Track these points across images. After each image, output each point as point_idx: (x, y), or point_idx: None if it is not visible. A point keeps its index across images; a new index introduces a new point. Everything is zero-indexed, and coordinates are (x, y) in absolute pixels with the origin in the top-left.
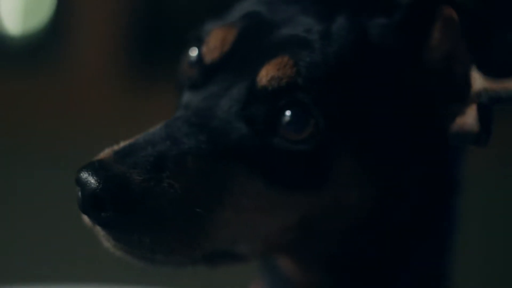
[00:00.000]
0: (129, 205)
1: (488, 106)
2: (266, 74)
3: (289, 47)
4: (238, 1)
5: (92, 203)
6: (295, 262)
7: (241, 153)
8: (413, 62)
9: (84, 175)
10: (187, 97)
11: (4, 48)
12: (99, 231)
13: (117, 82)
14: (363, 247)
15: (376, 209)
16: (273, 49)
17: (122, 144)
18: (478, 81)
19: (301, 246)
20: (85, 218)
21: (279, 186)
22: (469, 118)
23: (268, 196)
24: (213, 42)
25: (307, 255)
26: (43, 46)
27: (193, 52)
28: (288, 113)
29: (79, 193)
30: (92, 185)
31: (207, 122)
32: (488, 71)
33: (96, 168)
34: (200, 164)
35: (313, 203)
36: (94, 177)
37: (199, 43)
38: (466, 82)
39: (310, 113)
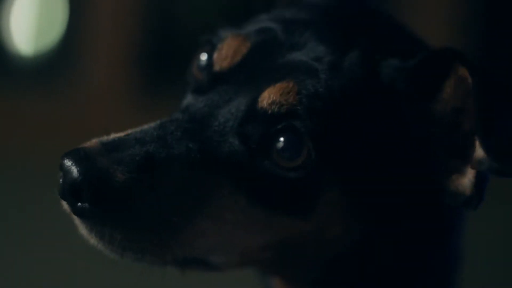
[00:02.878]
0: (106, 201)
1: (487, 174)
2: (268, 97)
3: (296, 72)
4: (253, 16)
5: (71, 191)
6: (282, 281)
7: (229, 168)
8: (421, 110)
9: (68, 162)
10: (188, 100)
11: (16, 68)
12: (74, 218)
13: (127, 100)
14: (347, 275)
15: (360, 243)
16: (280, 71)
17: (112, 136)
18: (480, 150)
19: (280, 266)
20: (63, 204)
21: (263, 207)
22: (466, 179)
23: (250, 214)
24: (225, 50)
25: (289, 275)
26: (54, 65)
27: (203, 57)
28: (282, 139)
29: (60, 179)
30: (74, 175)
31: (201, 131)
32: (490, 149)
33: (81, 157)
34: (186, 172)
35: (295, 229)
36: (77, 167)
37: (210, 48)
38: (471, 141)
39: (304, 143)
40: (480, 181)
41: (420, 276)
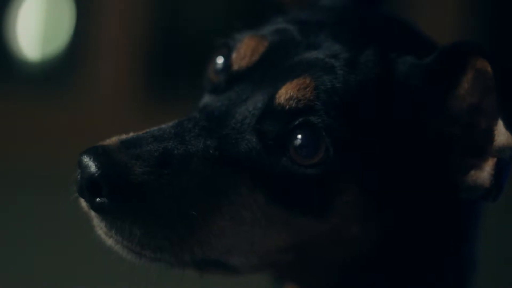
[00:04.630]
0: (124, 195)
1: (508, 163)
2: (285, 93)
3: (313, 69)
4: (261, 19)
5: (89, 187)
6: (298, 286)
7: (247, 165)
8: (437, 107)
9: (86, 158)
10: (206, 100)
11: (23, 73)
12: (92, 217)
13: (134, 105)
14: (364, 280)
15: (377, 245)
16: (297, 68)
17: (130, 134)
18: (502, 136)
19: (298, 271)
20: (81, 201)
21: (281, 205)
22: (484, 172)
23: (268, 213)
24: (244, 49)
25: (306, 281)
26: (61, 71)
27: (220, 60)
28: (299, 136)
29: (78, 176)
30: (92, 170)
31: (218, 128)
32: None
33: (99, 153)
34: (203, 168)
35: (313, 229)
36: (95, 162)
37: (227, 51)
38: (488, 137)
39: (322, 139)
40: (499, 171)
41: (436, 279)
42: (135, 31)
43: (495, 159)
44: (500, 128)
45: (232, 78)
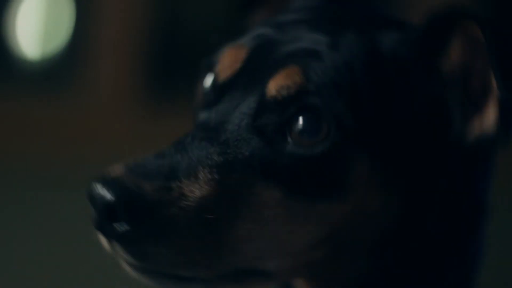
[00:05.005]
0: (142, 214)
1: (509, 103)
2: (275, 84)
3: (297, 58)
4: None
5: (106, 215)
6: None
7: (255, 164)
8: (428, 73)
9: (97, 188)
10: (200, 117)
11: (22, 72)
12: (117, 252)
13: (134, 106)
14: (389, 266)
15: (402, 219)
16: (281, 62)
17: (132, 160)
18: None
19: (330, 268)
20: (102, 240)
21: (298, 195)
22: (488, 118)
23: (288, 206)
24: (226, 60)
25: (334, 279)
26: (61, 70)
27: (207, 81)
28: (300, 119)
29: (93, 210)
30: (106, 197)
31: (217, 136)
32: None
33: (108, 181)
34: (212, 175)
35: (337, 214)
36: (106, 189)
37: (211, 69)
38: (486, 91)
39: (322, 118)
40: (504, 115)
41: (455, 259)
42: (135, 31)
43: (496, 104)
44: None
45: (220, 90)
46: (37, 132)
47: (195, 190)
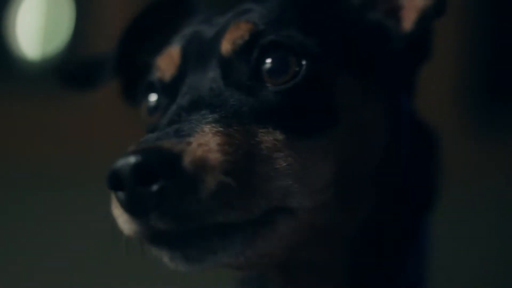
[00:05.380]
0: (173, 166)
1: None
2: (228, 40)
3: (236, 18)
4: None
5: (139, 180)
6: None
7: (247, 114)
8: (342, 0)
9: (120, 163)
10: (166, 113)
11: (23, 72)
12: (151, 232)
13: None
14: (383, 221)
15: (391, 146)
16: (222, 29)
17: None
18: None
19: (338, 212)
20: (135, 228)
21: (299, 133)
22: (410, 17)
23: (293, 146)
24: (163, 63)
25: (334, 235)
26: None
27: (152, 98)
28: (268, 60)
29: (120, 193)
30: (131, 162)
31: (200, 104)
32: None
33: (126, 154)
34: (216, 128)
35: (338, 144)
36: (130, 157)
37: (150, 88)
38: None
39: (286, 51)
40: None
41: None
42: None
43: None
44: None
45: (172, 85)
46: (37, 131)
47: (209, 139)
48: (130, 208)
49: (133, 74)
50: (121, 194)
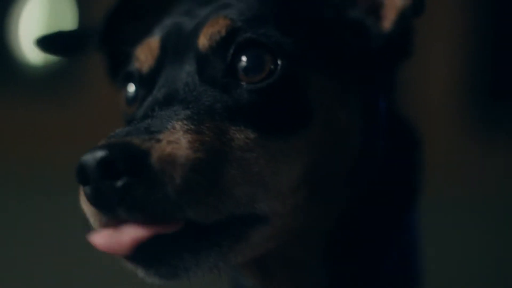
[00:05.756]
0: (139, 162)
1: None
2: (205, 35)
3: (214, 14)
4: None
5: (104, 174)
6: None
7: (219, 111)
8: None
9: (86, 157)
10: (142, 105)
11: (26, 77)
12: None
13: None
14: (359, 215)
15: (366, 145)
16: (201, 23)
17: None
18: None
19: (310, 213)
20: (98, 220)
21: (270, 132)
22: (388, 18)
23: (265, 145)
24: (142, 54)
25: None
26: (64, 75)
27: (130, 88)
28: (243, 57)
29: (86, 187)
30: (97, 156)
31: (173, 100)
32: None
33: (95, 148)
34: (187, 125)
35: (310, 144)
36: (97, 151)
37: (128, 78)
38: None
39: (262, 49)
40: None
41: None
42: None
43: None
44: None
45: (150, 77)
46: (40, 136)
47: (179, 137)
48: (94, 202)
49: (118, 56)
50: (87, 188)
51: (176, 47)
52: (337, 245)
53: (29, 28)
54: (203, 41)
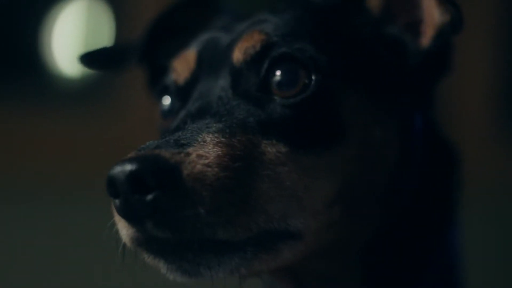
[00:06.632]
0: (170, 177)
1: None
2: (240, 50)
3: (250, 28)
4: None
5: (134, 188)
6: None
7: (251, 125)
8: (357, 12)
9: (115, 169)
10: (177, 118)
11: (61, 89)
12: (148, 242)
13: None
14: (397, 227)
15: (402, 163)
16: (236, 37)
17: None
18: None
19: (346, 230)
20: (129, 235)
21: (303, 147)
22: (431, 14)
23: (297, 160)
24: (179, 66)
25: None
26: (99, 87)
27: (166, 101)
28: (277, 72)
29: (116, 200)
30: (127, 169)
31: (207, 112)
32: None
33: (124, 160)
34: (218, 138)
35: (344, 161)
36: (126, 164)
37: (165, 91)
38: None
39: (296, 64)
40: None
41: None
42: None
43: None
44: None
45: (185, 89)
46: (77, 150)
47: (209, 150)
48: (124, 214)
49: (157, 70)
50: (117, 200)
51: (211, 61)
52: (372, 261)
53: (66, 39)
54: (237, 56)
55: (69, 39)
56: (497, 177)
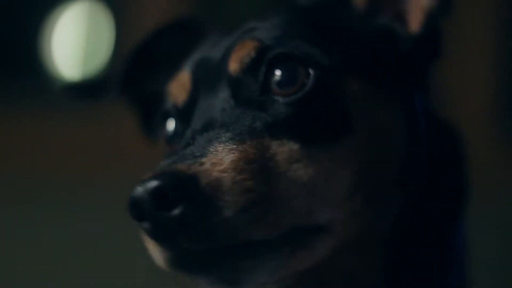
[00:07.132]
0: (192, 188)
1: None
2: (235, 60)
3: (241, 38)
4: None
5: (159, 205)
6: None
7: (259, 129)
8: (344, 10)
9: (137, 191)
10: (183, 139)
11: (61, 94)
12: (181, 258)
13: None
14: (414, 222)
15: (412, 146)
16: (228, 49)
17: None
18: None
19: (369, 218)
20: (162, 256)
21: (314, 141)
22: (415, 19)
23: (310, 155)
24: (175, 89)
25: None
26: (101, 92)
27: (170, 125)
28: (276, 72)
29: (144, 222)
30: (150, 186)
31: (212, 125)
32: None
33: (144, 179)
34: (229, 146)
35: (357, 149)
36: (147, 184)
37: (168, 115)
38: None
39: (293, 61)
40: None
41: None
42: None
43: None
44: None
45: (186, 109)
46: (77, 150)
47: (223, 157)
48: (156, 235)
49: (148, 105)
50: (146, 223)
51: (207, 78)
52: (393, 255)
53: (64, 43)
54: (233, 66)
55: (69, 42)
56: (497, 178)
